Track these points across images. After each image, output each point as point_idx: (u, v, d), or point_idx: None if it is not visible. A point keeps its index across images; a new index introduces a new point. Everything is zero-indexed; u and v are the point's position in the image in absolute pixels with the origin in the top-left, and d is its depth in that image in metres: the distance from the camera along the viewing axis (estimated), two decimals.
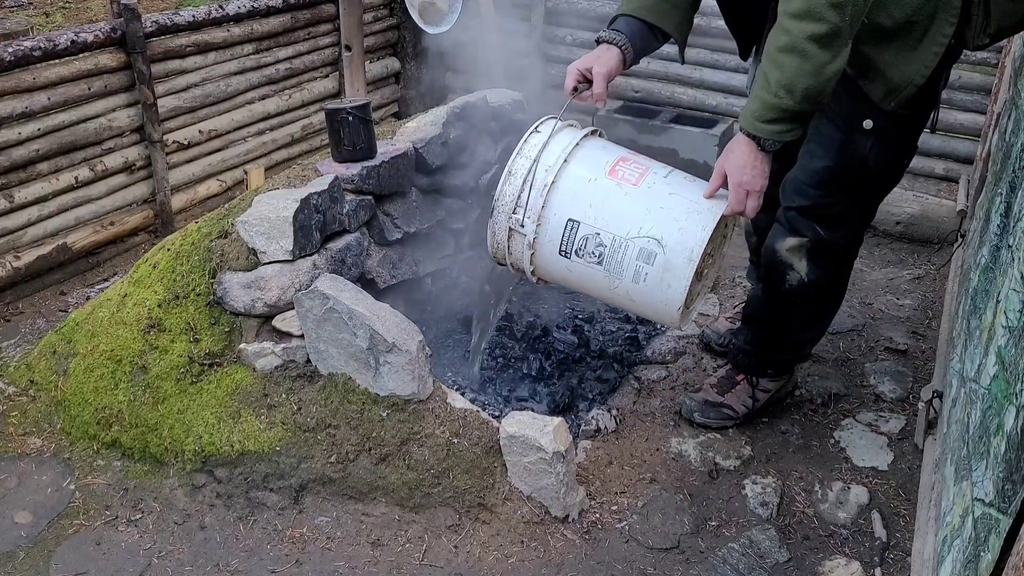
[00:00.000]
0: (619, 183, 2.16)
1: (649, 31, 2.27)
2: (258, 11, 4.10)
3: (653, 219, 2.10)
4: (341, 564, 2.24)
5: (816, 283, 2.39)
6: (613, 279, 2.16)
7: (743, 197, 2.07)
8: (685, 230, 2.08)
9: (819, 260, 2.36)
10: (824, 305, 2.53)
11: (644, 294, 2.14)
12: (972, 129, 3.97)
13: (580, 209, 2.15)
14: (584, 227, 2.14)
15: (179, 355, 2.52)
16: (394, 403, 2.36)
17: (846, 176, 2.24)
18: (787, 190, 2.36)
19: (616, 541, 2.30)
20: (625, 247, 2.10)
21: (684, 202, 2.13)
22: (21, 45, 3.26)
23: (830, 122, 2.23)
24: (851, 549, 2.30)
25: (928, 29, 2.06)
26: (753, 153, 2.03)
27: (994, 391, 1.59)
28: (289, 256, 2.43)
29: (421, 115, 3.10)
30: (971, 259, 2.59)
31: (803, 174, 2.31)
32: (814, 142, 2.28)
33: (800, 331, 2.58)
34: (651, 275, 2.10)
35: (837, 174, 2.24)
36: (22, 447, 2.56)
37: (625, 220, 2.11)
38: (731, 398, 2.67)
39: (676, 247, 2.07)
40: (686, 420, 2.69)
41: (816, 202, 2.29)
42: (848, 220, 2.34)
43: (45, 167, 3.43)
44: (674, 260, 2.07)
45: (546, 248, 2.21)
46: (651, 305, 2.16)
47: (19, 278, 3.39)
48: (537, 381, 2.93)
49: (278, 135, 4.39)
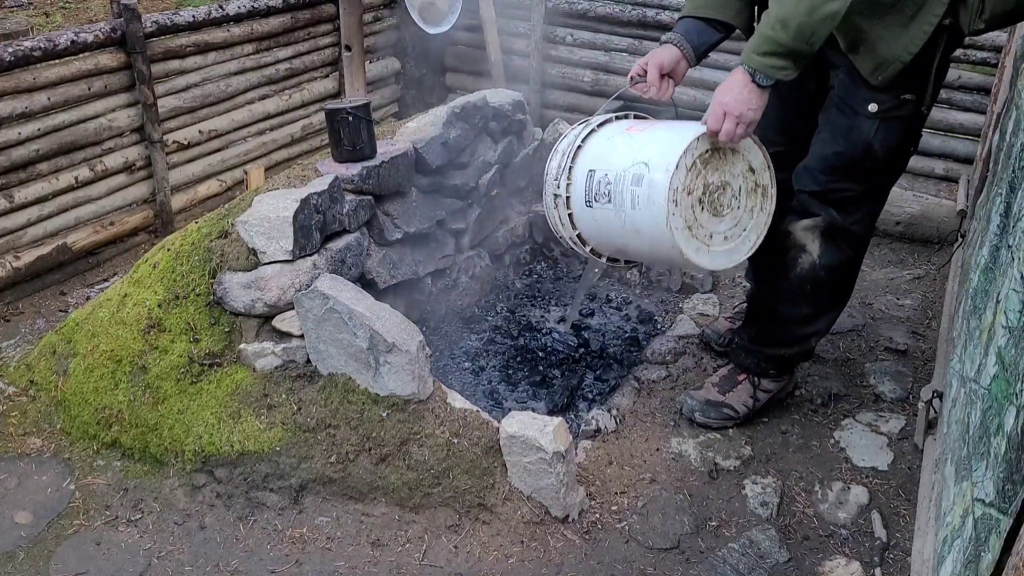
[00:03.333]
0: (630, 134, 2.33)
1: (706, 25, 2.38)
2: (258, 11, 4.10)
3: (645, 149, 2.25)
4: (341, 564, 2.24)
5: (828, 267, 2.45)
6: (620, 213, 2.26)
7: (720, 116, 2.14)
8: (666, 150, 2.19)
9: (832, 243, 2.43)
10: (833, 293, 2.55)
11: (643, 220, 2.22)
12: (972, 129, 3.97)
13: (596, 160, 2.33)
14: (597, 172, 2.30)
15: (179, 355, 2.52)
16: (394, 403, 2.36)
17: (854, 161, 2.33)
18: (800, 176, 2.44)
19: (616, 541, 2.30)
20: (623, 178, 2.24)
21: (673, 132, 2.26)
22: (21, 45, 3.26)
23: (839, 110, 2.33)
24: (851, 549, 2.30)
25: (922, 7, 2.13)
26: (744, 82, 2.13)
27: (994, 391, 1.59)
28: (289, 256, 2.43)
29: (421, 115, 3.10)
30: (971, 259, 2.59)
31: (814, 161, 2.40)
32: (825, 130, 2.38)
33: (806, 322, 2.58)
34: (641, 196, 2.20)
35: (846, 159, 2.33)
36: (22, 447, 2.56)
37: (624, 156, 2.27)
38: (732, 397, 2.68)
39: (658, 164, 2.18)
40: (686, 419, 2.69)
41: (827, 187, 2.38)
42: (859, 205, 2.41)
43: (45, 167, 3.43)
44: (655, 175, 2.18)
45: (577, 205, 2.38)
46: (651, 232, 2.22)
47: (19, 278, 3.38)
48: (537, 381, 2.92)
49: (278, 135, 4.39)
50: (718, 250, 2.28)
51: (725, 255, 2.30)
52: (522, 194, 3.60)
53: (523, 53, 4.93)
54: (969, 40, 3.87)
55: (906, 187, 4.02)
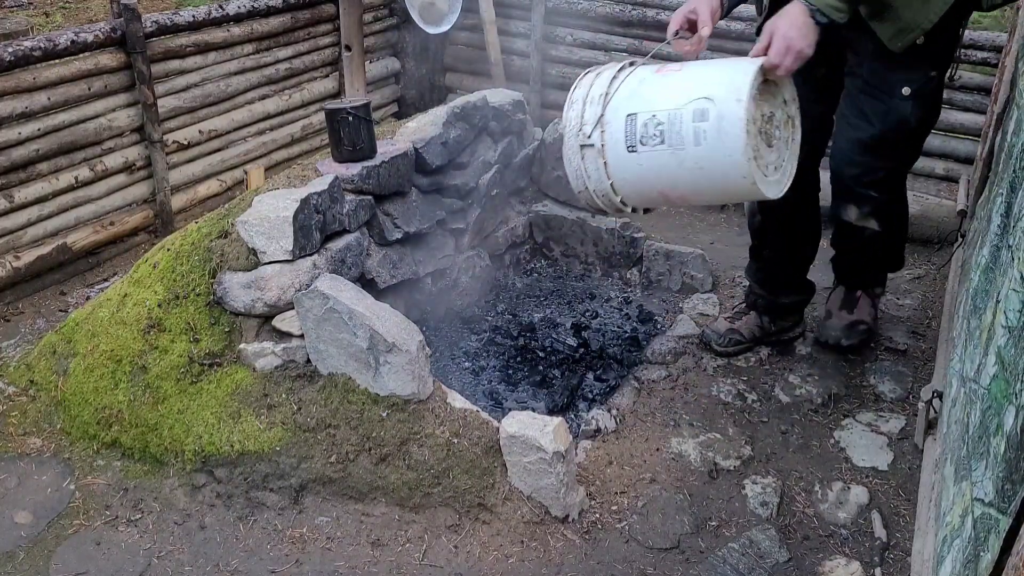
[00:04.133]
0: (664, 75, 2.27)
1: None
2: (258, 11, 4.10)
3: (699, 85, 2.18)
4: (341, 564, 2.24)
5: (886, 230, 2.74)
6: (678, 152, 2.19)
7: (783, 50, 2.15)
8: (730, 81, 2.15)
9: (884, 216, 2.71)
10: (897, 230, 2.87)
11: (709, 155, 2.16)
12: (972, 129, 3.97)
13: (635, 103, 2.24)
14: (641, 115, 2.22)
15: (179, 355, 2.52)
16: (394, 403, 2.36)
17: (892, 139, 2.53)
18: (839, 162, 2.64)
19: (616, 541, 2.29)
20: (681, 116, 2.16)
21: (725, 66, 2.25)
22: (21, 45, 3.26)
23: (869, 96, 2.52)
24: (851, 549, 2.30)
25: None
26: (804, 18, 2.18)
27: (994, 391, 1.59)
28: (289, 256, 2.43)
29: (421, 115, 3.10)
30: (971, 259, 2.59)
31: (850, 145, 2.59)
32: (855, 117, 2.56)
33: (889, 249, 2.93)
34: (709, 130, 2.14)
35: (885, 139, 2.53)
36: (22, 447, 2.56)
37: (674, 95, 2.20)
38: (859, 313, 2.97)
39: (725, 96, 2.12)
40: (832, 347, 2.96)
41: (867, 168, 2.59)
42: (897, 178, 2.72)
43: (45, 167, 3.43)
44: (726, 109, 2.12)
45: (615, 152, 2.28)
46: (721, 166, 2.17)
47: (19, 278, 3.39)
48: (537, 381, 2.92)
49: (278, 135, 4.39)
50: (771, 179, 2.28)
51: (775, 185, 2.30)
52: (522, 194, 3.60)
53: (523, 53, 4.93)
54: (969, 40, 3.88)
55: None
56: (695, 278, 3.46)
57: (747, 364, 2.99)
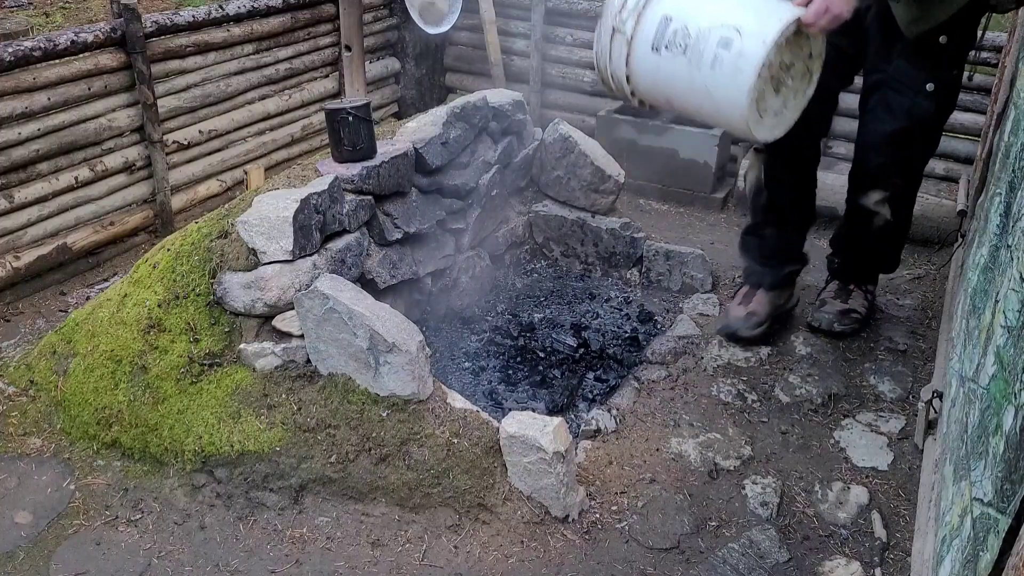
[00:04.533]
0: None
1: None
2: (258, 11, 4.10)
3: (737, 13, 2.28)
4: (341, 564, 2.24)
5: (896, 219, 2.96)
6: (693, 69, 2.29)
7: (822, 10, 2.27)
8: (763, 21, 2.24)
9: (898, 204, 2.94)
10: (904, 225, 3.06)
11: (718, 83, 2.27)
12: (972, 129, 3.97)
13: (675, 6, 2.34)
14: (676, 21, 2.32)
15: (179, 355, 2.52)
16: (394, 403, 2.36)
17: (915, 134, 2.78)
18: (866, 154, 2.89)
19: (616, 541, 2.30)
20: (708, 36, 2.27)
21: (763, 3, 2.34)
22: (21, 45, 3.26)
23: (895, 92, 2.74)
24: (851, 549, 2.30)
25: None
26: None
27: (993, 391, 1.59)
28: (289, 256, 2.43)
29: (421, 115, 3.10)
30: (971, 259, 2.59)
31: (877, 137, 2.83)
32: (882, 110, 2.78)
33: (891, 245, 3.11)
34: (727, 61, 2.24)
35: (907, 133, 2.76)
36: (22, 447, 2.56)
37: (712, 13, 2.30)
38: (853, 303, 3.14)
39: (752, 35, 2.22)
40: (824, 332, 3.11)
41: (892, 159, 2.83)
42: (918, 167, 2.94)
43: (45, 167, 3.43)
44: (748, 46, 2.21)
45: (640, 47, 2.37)
46: (725, 97, 2.29)
47: (19, 278, 3.39)
48: (537, 381, 2.92)
49: (278, 135, 4.39)
50: (768, 123, 2.39)
51: (768, 130, 2.41)
52: (522, 194, 3.60)
53: (523, 53, 4.93)
54: None
55: None
56: (695, 278, 3.46)
57: (747, 364, 2.99)
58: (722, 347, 3.07)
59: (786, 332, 3.18)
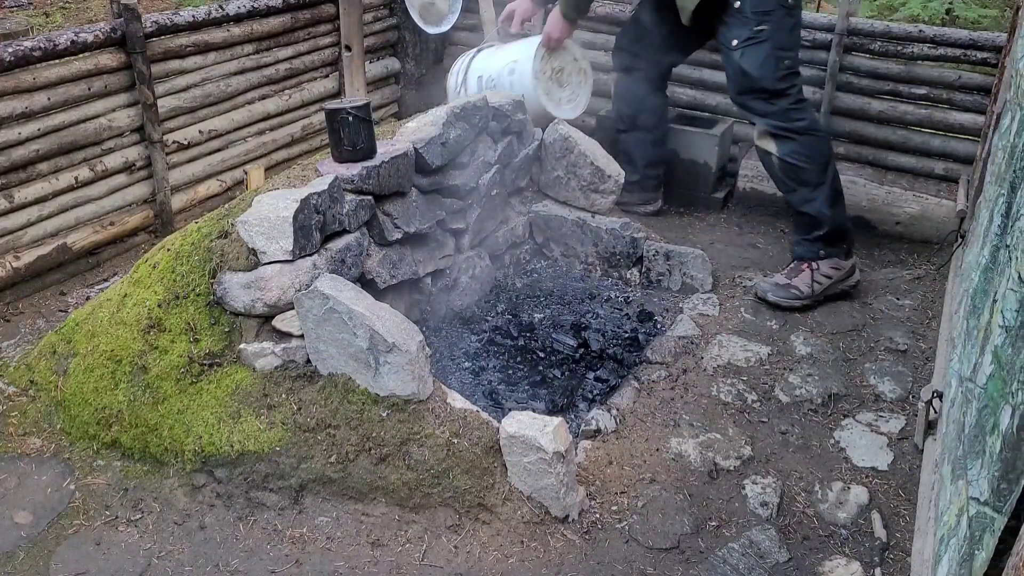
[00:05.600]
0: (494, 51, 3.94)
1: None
2: (258, 11, 4.10)
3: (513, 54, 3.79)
4: (341, 564, 2.25)
5: (787, 154, 3.28)
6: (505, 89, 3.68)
7: (546, 39, 3.70)
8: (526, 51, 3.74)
9: (781, 139, 3.28)
10: (811, 172, 3.29)
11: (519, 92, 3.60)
12: (972, 129, 3.97)
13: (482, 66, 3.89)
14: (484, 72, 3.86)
15: (179, 355, 2.52)
16: (394, 403, 2.36)
17: (739, 82, 3.33)
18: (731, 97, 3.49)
19: (616, 541, 2.30)
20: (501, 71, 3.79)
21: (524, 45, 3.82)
22: (21, 45, 3.26)
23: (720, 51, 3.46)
24: (851, 549, 2.30)
25: None
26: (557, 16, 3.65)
27: (990, 390, 1.59)
28: (289, 256, 2.43)
29: (421, 115, 3.10)
30: (971, 259, 2.60)
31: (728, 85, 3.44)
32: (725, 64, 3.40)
33: (809, 202, 3.31)
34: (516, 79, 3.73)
35: (735, 83, 3.35)
36: (22, 447, 2.56)
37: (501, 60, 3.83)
38: (798, 281, 3.34)
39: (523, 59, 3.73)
40: (760, 299, 3.35)
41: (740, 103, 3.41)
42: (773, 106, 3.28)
43: (45, 167, 3.43)
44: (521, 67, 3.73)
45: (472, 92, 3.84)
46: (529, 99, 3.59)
47: (19, 278, 3.39)
48: (537, 381, 2.92)
49: (278, 135, 4.39)
50: (566, 107, 3.82)
51: (570, 110, 3.84)
52: (522, 194, 3.61)
53: None
54: (969, 40, 3.89)
55: (906, 187, 4.02)
56: (695, 278, 3.46)
57: (747, 364, 2.99)
58: (722, 347, 3.07)
59: (786, 332, 3.18)
